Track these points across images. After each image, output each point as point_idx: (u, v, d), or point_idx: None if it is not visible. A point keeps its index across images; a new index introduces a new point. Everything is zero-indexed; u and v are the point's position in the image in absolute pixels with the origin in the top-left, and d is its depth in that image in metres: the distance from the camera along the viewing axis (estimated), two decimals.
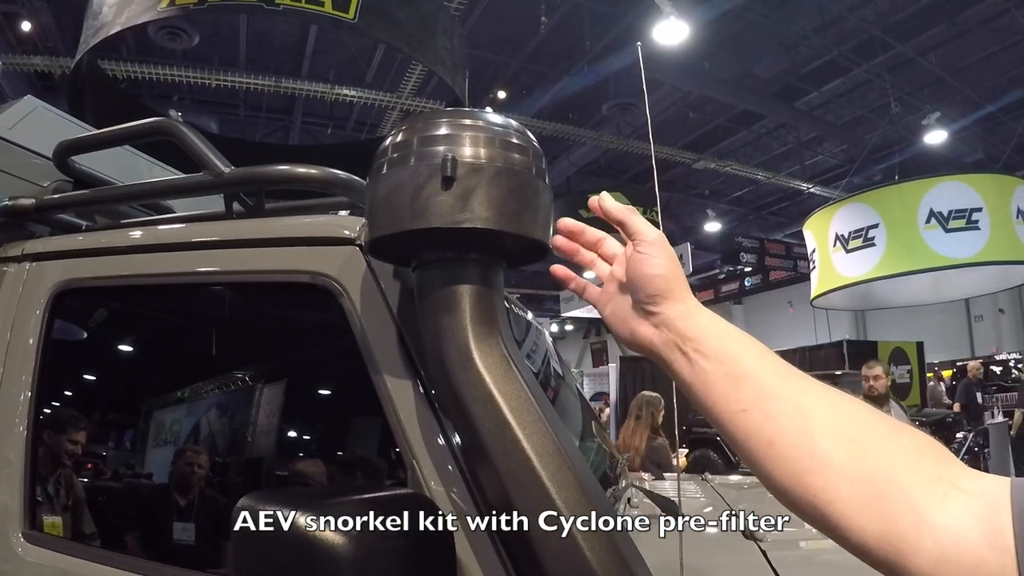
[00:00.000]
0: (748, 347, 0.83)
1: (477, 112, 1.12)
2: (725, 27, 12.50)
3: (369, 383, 1.28)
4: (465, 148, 1.04)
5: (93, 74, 9.05)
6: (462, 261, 1.10)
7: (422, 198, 1.02)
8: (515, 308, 2.24)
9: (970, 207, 11.64)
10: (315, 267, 1.37)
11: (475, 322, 1.08)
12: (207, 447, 1.58)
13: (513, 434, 1.02)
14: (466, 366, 1.06)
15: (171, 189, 1.82)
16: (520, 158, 1.07)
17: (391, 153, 1.08)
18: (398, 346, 1.27)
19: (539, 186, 1.10)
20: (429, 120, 1.09)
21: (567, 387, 2.61)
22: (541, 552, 0.99)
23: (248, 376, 1.59)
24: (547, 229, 1.12)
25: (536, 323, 2.55)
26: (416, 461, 1.21)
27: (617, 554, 0.98)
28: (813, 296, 13.99)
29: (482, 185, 1.02)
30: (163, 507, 1.54)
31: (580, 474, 1.03)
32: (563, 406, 2.40)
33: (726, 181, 20.64)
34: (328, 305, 1.35)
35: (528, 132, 1.13)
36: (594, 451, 2.43)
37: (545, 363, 2.43)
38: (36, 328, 1.65)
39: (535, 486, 1.00)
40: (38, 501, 1.58)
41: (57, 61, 11.14)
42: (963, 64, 14.36)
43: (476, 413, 1.04)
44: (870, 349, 15.92)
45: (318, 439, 1.59)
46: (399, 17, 7.77)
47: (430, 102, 12.72)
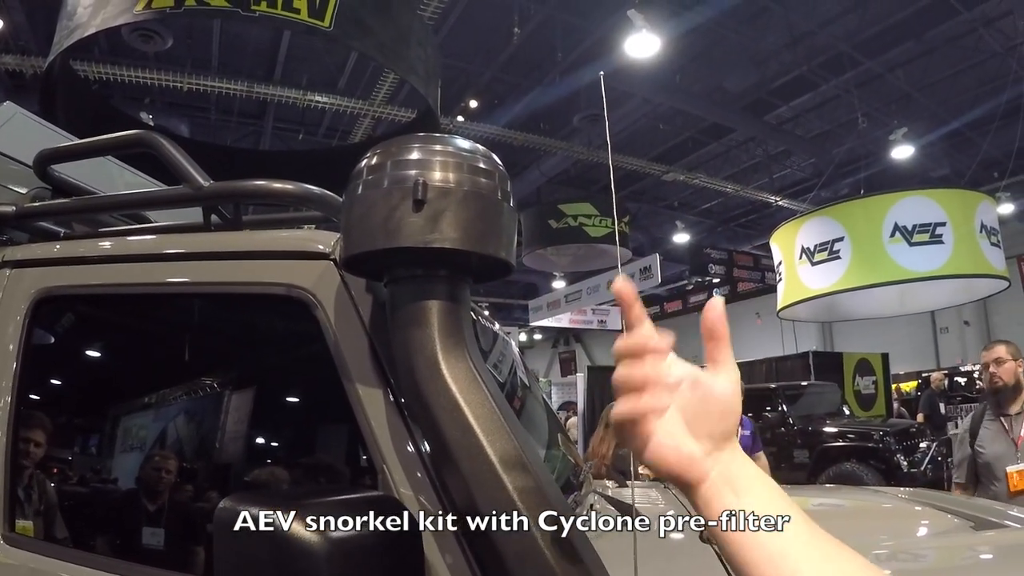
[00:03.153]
0: (795, 519, 0.78)
1: (447, 138, 1.19)
2: (696, 41, 12.66)
3: (342, 392, 1.34)
4: (435, 172, 1.11)
5: (65, 75, 8.97)
6: (431, 278, 1.18)
7: (395, 219, 1.10)
8: (482, 319, 2.30)
9: (934, 221, 11.86)
10: (291, 280, 1.44)
11: (443, 335, 1.15)
12: (185, 452, 1.63)
13: (477, 440, 1.09)
14: (434, 376, 1.13)
15: (152, 201, 1.88)
16: (486, 182, 1.15)
17: (366, 175, 1.15)
18: (369, 356, 1.34)
19: (504, 208, 1.17)
20: (402, 145, 1.16)
21: (533, 397, 2.67)
22: (504, 552, 1.06)
23: (224, 384, 1.64)
24: (511, 248, 1.21)
25: (503, 334, 2.61)
26: (386, 465, 1.28)
27: (575, 554, 1.06)
28: (779, 308, 14.17)
29: (451, 207, 1.10)
30: (137, 509, 1.59)
31: (541, 479, 1.10)
32: (529, 416, 2.46)
33: (695, 193, 20.85)
34: (303, 317, 1.41)
35: (494, 156, 1.21)
36: (559, 459, 2.50)
37: (512, 373, 2.49)
38: (16, 334, 1.68)
39: (498, 489, 1.07)
40: (18, 504, 1.62)
41: (29, 60, 11.01)
42: (930, 81, 14.66)
43: (443, 420, 1.11)
44: (836, 360, 16.18)
45: (294, 444, 1.65)
46: (374, 26, 7.81)
47: (402, 110, 12.76)
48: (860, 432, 11.66)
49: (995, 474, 4.06)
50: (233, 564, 1.04)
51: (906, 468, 10.74)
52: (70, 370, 1.91)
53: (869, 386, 16.19)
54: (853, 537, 2.05)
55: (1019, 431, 4.06)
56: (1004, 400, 4.18)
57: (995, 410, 4.24)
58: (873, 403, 16.04)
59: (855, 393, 15.59)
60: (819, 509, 2.95)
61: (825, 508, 2.99)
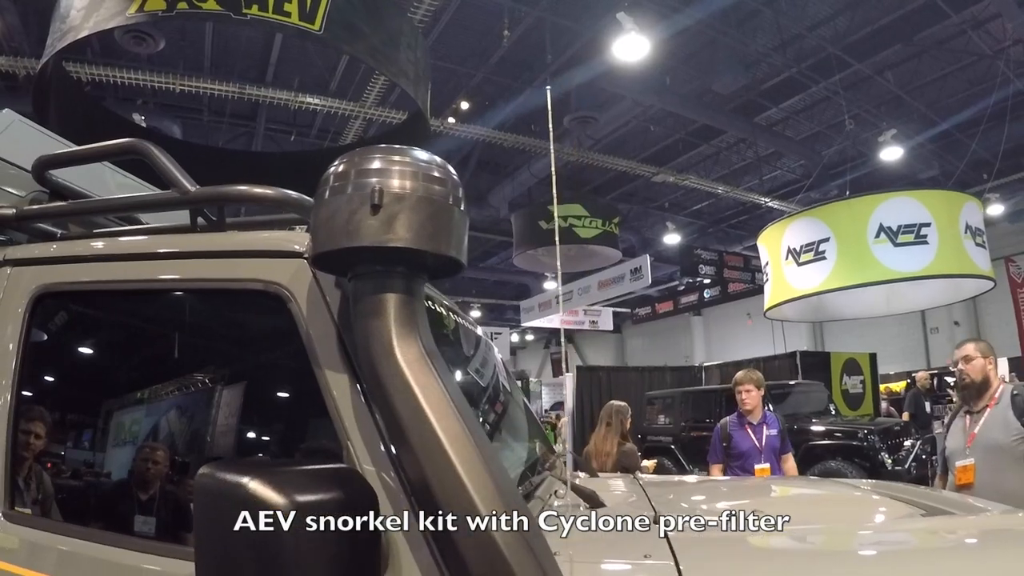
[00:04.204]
0: None
1: (407, 149, 1.35)
2: (686, 43, 12.82)
3: (313, 375, 1.50)
4: (393, 180, 1.28)
5: (58, 77, 9.02)
6: (389, 273, 1.34)
7: (355, 221, 1.26)
8: (466, 324, 2.47)
9: (919, 222, 11.92)
10: (268, 276, 1.61)
11: (398, 324, 1.31)
12: (172, 431, 1.78)
13: (426, 418, 1.24)
14: (389, 360, 1.29)
15: (142, 204, 2.07)
16: (439, 189, 1.30)
17: (332, 182, 1.32)
18: (337, 344, 1.50)
19: (455, 212, 1.33)
20: (365, 155, 1.33)
21: (514, 400, 2.85)
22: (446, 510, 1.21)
23: (208, 372, 1.80)
24: (461, 247, 1.37)
25: (487, 339, 2.81)
26: (350, 441, 1.44)
27: (511, 504, 1.20)
28: (766, 308, 14.27)
29: (404, 211, 1.26)
30: (126, 485, 1.74)
31: (484, 452, 1.25)
32: (510, 415, 2.65)
33: (686, 194, 21.00)
34: (279, 309, 1.58)
35: (449, 167, 1.37)
36: (530, 449, 2.66)
37: (493, 375, 2.66)
38: (17, 328, 1.85)
39: (445, 461, 1.22)
40: (17, 487, 1.78)
41: (22, 62, 11.08)
42: (920, 83, 14.81)
43: (396, 400, 1.27)
44: (823, 360, 16.30)
45: (269, 421, 1.80)
46: (364, 30, 7.91)
47: (393, 111, 12.87)
48: (845, 431, 11.79)
49: (952, 467, 4.22)
50: (213, 526, 1.18)
51: (890, 466, 10.90)
52: (67, 360, 2.07)
53: (857, 385, 16.34)
54: (816, 520, 2.20)
55: (974, 428, 4.18)
56: (970, 397, 4.32)
57: (965, 406, 4.39)
58: (861, 402, 16.19)
59: (843, 392, 15.73)
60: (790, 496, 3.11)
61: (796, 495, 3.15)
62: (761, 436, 5.78)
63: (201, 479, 1.18)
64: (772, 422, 5.93)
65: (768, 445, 5.76)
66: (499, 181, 18.56)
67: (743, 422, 5.87)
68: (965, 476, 4.07)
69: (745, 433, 5.81)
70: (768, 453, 5.74)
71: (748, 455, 5.73)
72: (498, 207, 19.07)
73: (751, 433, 5.79)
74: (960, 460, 4.14)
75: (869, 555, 1.97)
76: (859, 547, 2.03)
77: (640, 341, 35.05)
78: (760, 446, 5.73)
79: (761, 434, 5.79)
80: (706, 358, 27.04)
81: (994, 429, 4.08)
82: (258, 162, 13.23)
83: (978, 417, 4.21)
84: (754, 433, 5.79)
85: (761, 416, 5.92)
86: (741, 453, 5.77)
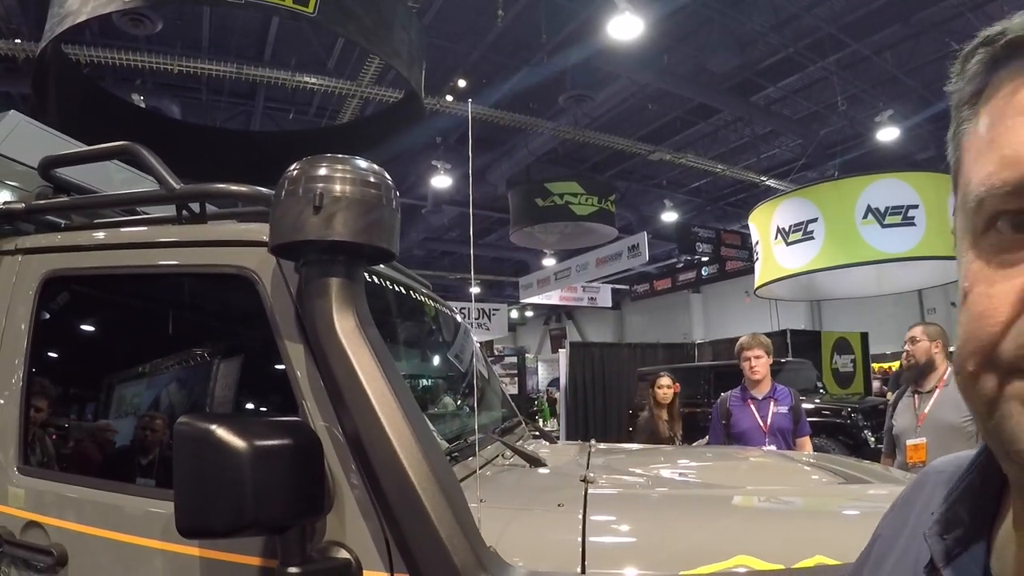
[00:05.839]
0: None
1: (349, 159, 1.65)
2: (682, 23, 12.88)
3: (277, 345, 1.79)
4: (335, 185, 1.54)
5: (57, 60, 9.17)
6: (331, 261, 1.64)
7: (301, 219, 1.54)
8: (446, 310, 2.88)
9: (907, 204, 12.14)
10: (240, 262, 1.91)
11: (338, 303, 1.61)
12: (161, 391, 2.11)
13: (358, 379, 1.54)
14: (330, 333, 1.59)
15: (135, 200, 2.44)
16: (374, 192, 1.58)
17: (287, 186, 1.59)
18: (295, 320, 1.79)
19: (386, 211, 1.61)
20: (314, 163, 1.62)
21: (490, 385, 3.31)
22: (377, 465, 1.52)
23: (192, 343, 2.14)
24: (392, 240, 1.67)
25: (467, 326, 3.23)
26: (304, 400, 1.73)
27: (430, 462, 1.49)
28: (756, 286, 14.49)
29: (341, 211, 1.52)
30: (121, 439, 2.05)
31: (406, 408, 1.53)
32: (486, 394, 3.11)
33: (683, 172, 21.06)
34: (250, 290, 1.88)
35: (384, 173, 1.66)
36: (491, 417, 3.01)
37: (471, 360, 3.08)
38: (28, 310, 2.18)
39: (372, 416, 1.52)
40: (29, 447, 2.11)
41: (21, 45, 11.14)
42: (917, 64, 14.81)
43: (335, 366, 1.58)
44: (814, 339, 16.50)
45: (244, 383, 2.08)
46: (357, 11, 8.06)
47: (389, 90, 12.99)
48: (830, 408, 12.01)
49: (901, 445, 4.43)
50: (188, 465, 1.46)
51: (873, 444, 11.03)
52: (72, 337, 2.42)
53: (847, 364, 16.54)
54: (733, 483, 2.51)
55: (924, 408, 4.37)
56: (917, 377, 4.50)
57: (912, 386, 4.58)
58: (851, 381, 16.42)
59: (832, 371, 15.94)
60: (725, 464, 3.38)
61: (731, 464, 3.42)
62: (767, 413, 5.03)
63: (179, 427, 1.47)
64: (783, 397, 5.15)
65: (775, 424, 5.00)
66: (497, 159, 18.70)
67: (746, 396, 5.16)
68: (917, 454, 4.23)
69: (747, 409, 5.09)
70: (775, 434, 4.97)
71: (749, 435, 4.99)
72: (496, 184, 19.22)
73: (754, 410, 5.06)
74: (911, 439, 4.30)
75: (752, 508, 2.24)
76: (752, 504, 2.30)
77: (639, 318, 35.25)
78: (764, 425, 4.98)
79: (767, 411, 5.04)
80: (705, 335, 27.26)
81: (945, 409, 4.20)
82: (256, 141, 13.44)
83: (928, 397, 4.37)
84: (758, 410, 5.05)
85: (769, 389, 5.17)
86: (741, 432, 5.04)
